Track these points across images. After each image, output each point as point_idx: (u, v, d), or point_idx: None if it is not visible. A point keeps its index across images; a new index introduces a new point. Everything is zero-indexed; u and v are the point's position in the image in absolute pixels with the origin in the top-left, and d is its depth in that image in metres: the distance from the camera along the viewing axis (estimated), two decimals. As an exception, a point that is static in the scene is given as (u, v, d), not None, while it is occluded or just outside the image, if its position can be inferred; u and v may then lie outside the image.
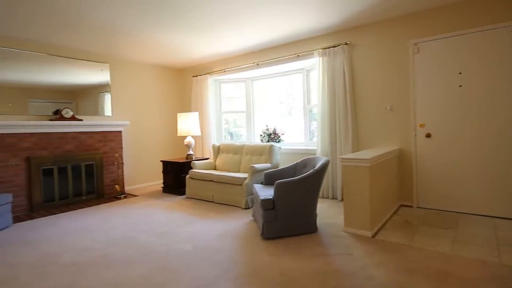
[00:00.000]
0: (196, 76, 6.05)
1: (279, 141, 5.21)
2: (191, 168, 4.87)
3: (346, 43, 4.17)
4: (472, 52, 3.38)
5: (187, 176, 4.78)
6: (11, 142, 4.03)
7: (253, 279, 2.16)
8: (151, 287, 2.09)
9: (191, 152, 5.30)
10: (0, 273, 2.35)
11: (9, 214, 3.56)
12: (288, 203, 2.90)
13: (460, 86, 3.45)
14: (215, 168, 5.04)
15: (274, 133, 5.22)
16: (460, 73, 3.45)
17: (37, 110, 4.38)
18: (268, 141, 5.23)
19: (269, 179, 3.57)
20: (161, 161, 5.27)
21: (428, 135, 3.69)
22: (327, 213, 3.68)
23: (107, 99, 5.25)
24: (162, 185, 5.38)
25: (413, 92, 3.76)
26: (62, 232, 3.27)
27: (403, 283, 2.03)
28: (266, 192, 3.11)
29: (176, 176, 5.01)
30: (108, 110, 5.26)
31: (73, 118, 4.63)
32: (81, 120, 4.71)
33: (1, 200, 3.40)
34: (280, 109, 5.77)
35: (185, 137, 6.18)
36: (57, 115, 4.54)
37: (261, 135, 5.37)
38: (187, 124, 5.22)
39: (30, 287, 2.13)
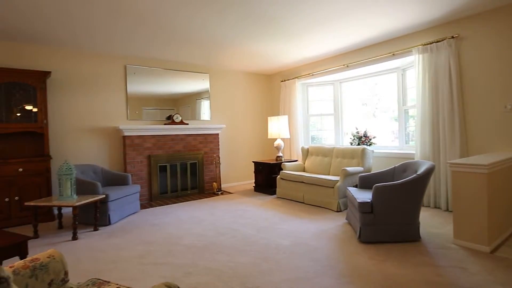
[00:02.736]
0: (284, 80, 6.29)
1: (370, 145, 5.02)
2: (281, 169, 5.10)
3: (452, 37, 3.79)
4: None
5: (278, 176, 5.02)
6: (138, 142, 4.93)
7: (355, 279, 2.20)
8: (259, 273, 2.33)
9: (280, 154, 5.54)
10: (140, 248, 2.94)
11: (138, 201, 4.36)
12: (388, 207, 2.82)
13: None
14: (304, 170, 5.17)
15: (365, 136, 5.06)
16: None
17: (147, 116, 5.23)
18: (358, 144, 5.09)
19: (364, 183, 3.51)
20: (253, 162, 5.66)
21: None
22: (431, 222, 3.41)
23: (204, 105, 5.91)
24: (254, 184, 5.77)
25: (545, 88, 3.19)
26: (179, 219, 3.86)
27: (537, 306, 1.79)
28: (362, 195, 3.08)
29: (267, 176, 5.32)
30: (204, 115, 5.91)
31: (181, 123, 5.38)
32: (187, 124, 5.43)
33: (133, 189, 4.20)
34: (363, 111, 5.58)
35: (274, 139, 6.48)
36: (169, 120, 5.34)
37: (351, 138, 5.27)
38: (278, 127, 5.49)
39: (164, 261, 2.61)
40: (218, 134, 5.85)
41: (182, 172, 5.42)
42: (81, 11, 3.18)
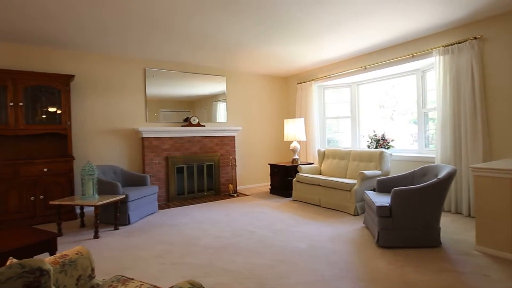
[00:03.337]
0: (301, 83, 6.28)
1: (388, 148, 4.94)
2: (297, 172, 5.09)
3: (475, 38, 3.69)
4: None
5: (294, 179, 5.01)
6: (156, 144, 5.04)
7: (373, 284, 2.17)
8: (276, 275, 2.34)
9: (296, 156, 5.53)
10: (158, 248, 3.01)
11: (156, 202, 4.45)
12: (407, 212, 2.77)
13: None
14: (320, 173, 5.13)
15: (383, 139, 4.98)
16: None
17: (164, 118, 5.33)
18: (376, 147, 5.02)
19: (382, 186, 3.46)
20: (269, 164, 5.67)
21: None
22: (451, 228, 3.32)
23: (220, 107, 5.97)
24: (270, 187, 5.78)
25: None
26: (196, 220, 3.92)
27: None
28: (380, 199, 3.04)
29: (282, 179, 5.32)
30: (220, 117, 5.97)
31: (198, 125, 5.47)
32: (204, 126, 5.51)
33: (152, 190, 4.30)
34: (381, 114, 5.49)
35: (290, 142, 6.47)
36: (187, 122, 5.44)
37: (368, 141, 5.20)
38: (294, 130, 5.49)
39: (182, 261, 2.66)
40: (234, 136, 5.90)
41: (198, 174, 5.49)
42: (94, 15, 3.27)
